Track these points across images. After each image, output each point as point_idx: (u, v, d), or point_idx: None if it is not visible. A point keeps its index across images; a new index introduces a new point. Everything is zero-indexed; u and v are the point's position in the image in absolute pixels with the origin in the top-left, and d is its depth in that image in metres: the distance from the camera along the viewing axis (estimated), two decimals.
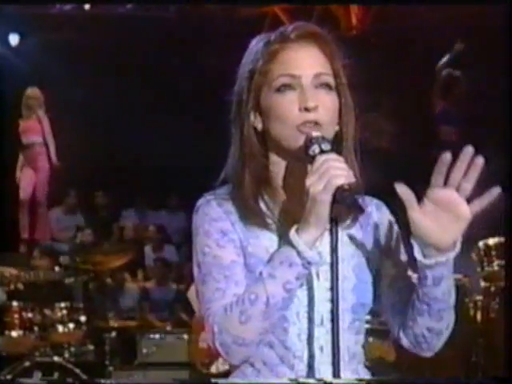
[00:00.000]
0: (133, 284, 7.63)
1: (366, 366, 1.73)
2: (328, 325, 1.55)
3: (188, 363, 5.28)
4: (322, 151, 1.50)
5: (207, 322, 1.55)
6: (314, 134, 1.53)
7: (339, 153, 1.56)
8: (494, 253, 5.14)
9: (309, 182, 1.47)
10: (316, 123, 1.55)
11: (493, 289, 5.00)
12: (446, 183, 1.47)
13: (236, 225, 1.59)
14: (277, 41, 1.61)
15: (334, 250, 1.49)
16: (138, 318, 6.52)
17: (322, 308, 1.58)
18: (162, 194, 9.31)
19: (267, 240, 1.60)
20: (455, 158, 1.46)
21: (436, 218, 1.47)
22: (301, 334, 1.58)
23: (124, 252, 6.13)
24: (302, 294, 1.58)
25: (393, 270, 1.64)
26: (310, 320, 1.59)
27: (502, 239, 5.20)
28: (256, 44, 1.64)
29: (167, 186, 9.06)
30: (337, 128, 1.61)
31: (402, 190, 1.48)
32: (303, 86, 1.57)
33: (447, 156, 1.45)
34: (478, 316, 4.97)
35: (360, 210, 1.53)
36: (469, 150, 1.45)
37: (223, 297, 1.54)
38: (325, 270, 1.57)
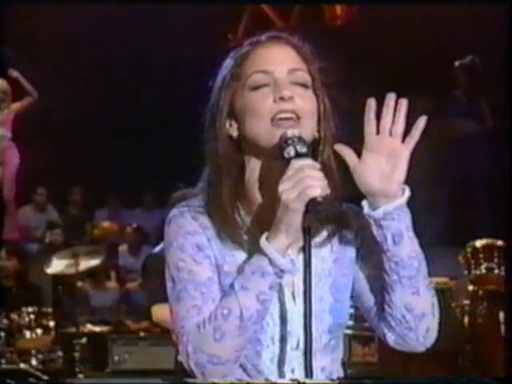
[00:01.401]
0: (106, 287, 7.57)
1: (348, 375, 1.72)
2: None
3: (161, 371, 5.23)
4: (297, 154, 1.48)
5: (181, 341, 1.52)
6: (290, 133, 1.51)
7: (315, 158, 1.55)
8: (481, 255, 5.15)
9: (282, 187, 1.45)
10: (293, 114, 1.54)
11: (480, 292, 5.01)
12: (378, 131, 1.53)
13: (212, 241, 1.57)
14: (248, 44, 1.62)
15: (307, 262, 1.47)
16: (111, 323, 6.47)
17: (299, 331, 1.55)
18: (137, 192, 9.27)
19: (243, 259, 1.57)
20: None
21: (377, 164, 1.53)
22: (274, 358, 1.57)
23: (96, 253, 6.08)
24: (277, 317, 1.57)
25: (374, 272, 1.62)
26: (285, 343, 1.57)
27: (490, 241, 5.22)
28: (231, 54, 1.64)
29: (142, 184, 9.01)
30: (316, 135, 1.60)
31: (340, 149, 1.55)
32: (277, 79, 1.56)
33: (372, 102, 1.52)
34: (465, 321, 4.98)
35: (333, 224, 1.54)
36: (391, 95, 1.52)
37: (199, 314, 1.52)
38: (301, 292, 1.53)
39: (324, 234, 1.62)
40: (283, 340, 1.57)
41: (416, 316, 1.56)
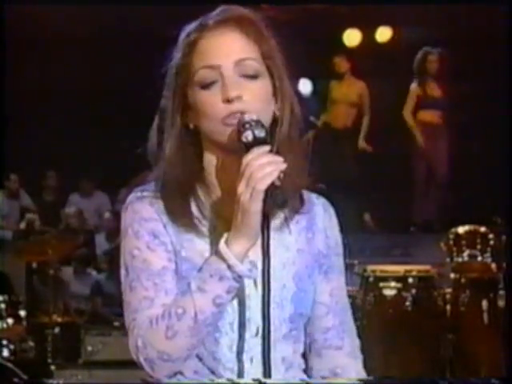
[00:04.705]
0: (81, 276, 7.50)
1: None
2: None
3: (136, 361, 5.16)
4: (255, 138, 1.47)
5: (131, 334, 1.53)
6: (247, 117, 1.50)
7: (274, 139, 1.55)
8: (464, 242, 5.13)
9: (240, 189, 1.46)
10: (241, 113, 1.52)
11: (463, 280, 4.99)
12: None
13: (168, 226, 1.57)
14: (196, 30, 1.58)
15: (265, 253, 1.46)
16: (86, 313, 6.40)
17: (259, 318, 1.55)
18: (118, 176, 9.18)
19: (202, 244, 1.57)
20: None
21: None
22: (232, 346, 1.57)
23: (71, 241, 6.00)
24: (236, 303, 1.57)
25: (328, 294, 1.66)
26: (245, 331, 1.57)
27: (473, 227, 5.20)
28: (181, 35, 1.61)
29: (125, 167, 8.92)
30: (277, 113, 1.59)
31: None
32: (224, 75, 1.54)
33: None
34: (447, 309, 4.94)
35: (293, 207, 1.56)
36: None
37: (151, 306, 1.53)
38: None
39: (288, 222, 1.62)
40: (242, 327, 1.57)
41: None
